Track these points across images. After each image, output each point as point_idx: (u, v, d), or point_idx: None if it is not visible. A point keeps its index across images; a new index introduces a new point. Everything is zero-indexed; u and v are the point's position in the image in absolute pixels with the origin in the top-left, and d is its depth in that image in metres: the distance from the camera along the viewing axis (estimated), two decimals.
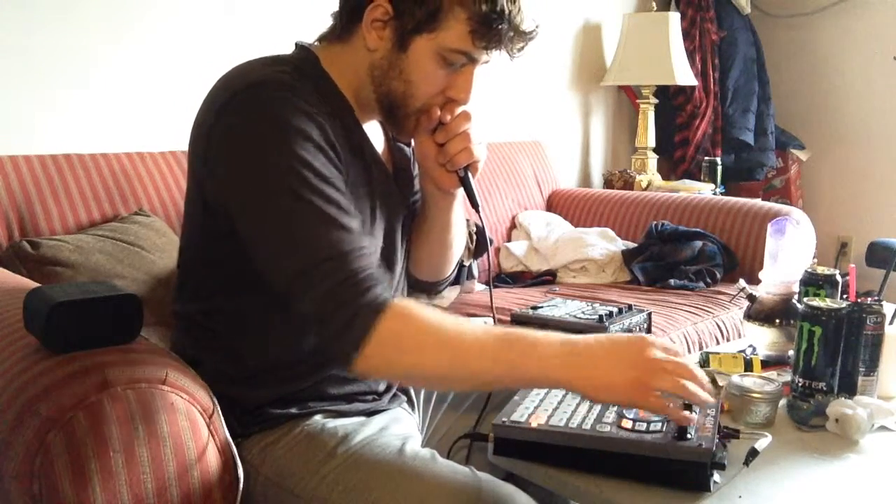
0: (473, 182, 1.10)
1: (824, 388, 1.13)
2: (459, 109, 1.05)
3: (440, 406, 1.24)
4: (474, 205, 1.10)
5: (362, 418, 1.06)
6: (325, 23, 1.08)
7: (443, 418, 1.23)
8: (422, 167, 1.12)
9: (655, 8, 3.20)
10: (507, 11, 0.97)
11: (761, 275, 1.37)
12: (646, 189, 3.02)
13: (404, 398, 1.17)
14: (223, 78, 1.02)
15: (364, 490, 0.92)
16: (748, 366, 1.29)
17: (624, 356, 0.88)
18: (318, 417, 1.03)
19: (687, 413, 0.89)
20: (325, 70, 1.04)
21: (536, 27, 1.02)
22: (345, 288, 0.88)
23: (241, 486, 0.95)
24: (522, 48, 1.03)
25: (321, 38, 1.08)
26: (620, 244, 2.46)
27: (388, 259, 1.10)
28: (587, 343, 0.90)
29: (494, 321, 1.19)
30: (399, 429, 1.06)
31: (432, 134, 1.06)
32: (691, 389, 0.87)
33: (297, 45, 1.08)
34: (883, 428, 1.08)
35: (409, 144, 1.17)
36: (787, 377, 1.20)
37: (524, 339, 0.90)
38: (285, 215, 0.91)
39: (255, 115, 0.94)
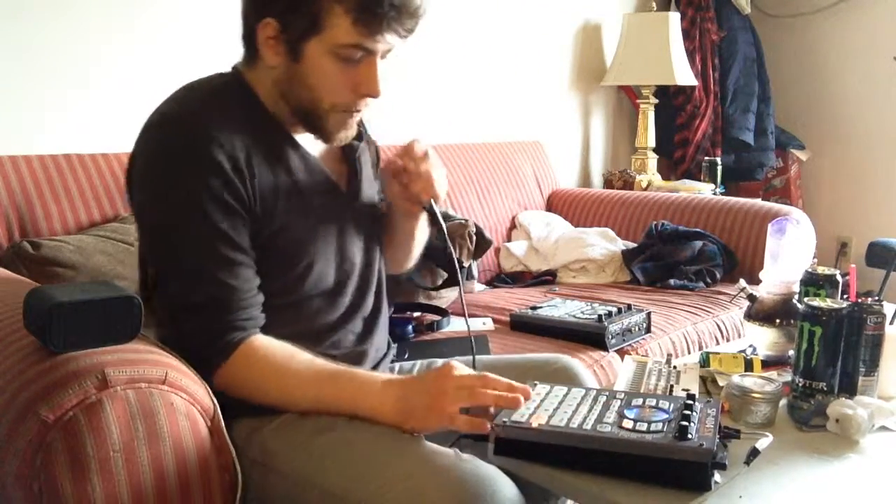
0: (437, 209, 1.18)
1: (824, 388, 1.13)
2: (420, 149, 1.14)
3: None
4: (441, 235, 1.19)
5: None
6: None
7: None
8: (389, 198, 1.22)
9: (655, 8, 3.20)
10: None
11: (761, 275, 1.37)
12: (646, 189, 3.02)
13: None
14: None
15: (349, 465, 0.93)
16: (748, 366, 1.29)
17: (421, 386, 0.99)
18: None
19: (475, 419, 0.96)
20: (253, 90, 1.09)
21: (421, 3, 1.02)
22: (199, 336, 1.01)
23: (241, 486, 0.95)
24: (413, 27, 1.03)
25: (241, 64, 1.12)
26: (620, 244, 2.46)
27: (342, 257, 1.15)
28: (400, 379, 1.03)
29: (468, 328, 1.26)
30: None
31: (394, 177, 1.14)
32: (480, 394, 0.96)
33: (232, 68, 1.13)
34: (883, 428, 1.08)
35: (360, 140, 1.19)
36: (788, 377, 1.20)
37: (345, 375, 1.02)
38: (172, 251, 1.02)
39: (147, 155, 1.03)
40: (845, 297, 1.26)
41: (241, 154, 1.01)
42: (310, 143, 1.13)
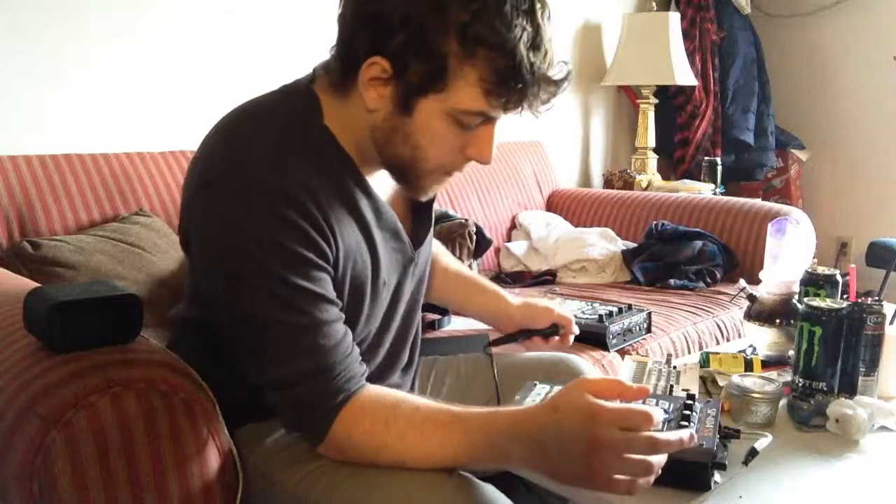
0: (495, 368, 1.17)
1: (824, 389, 1.13)
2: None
3: None
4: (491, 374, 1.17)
5: None
6: (325, 24, 1.00)
7: None
8: (504, 325, 1.27)
9: (655, 8, 3.20)
10: (528, 64, 0.84)
11: (761, 275, 1.37)
12: (646, 189, 3.02)
13: None
14: (206, 143, 0.95)
15: (344, 488, 0.91)
16: (748, 366, 1.29)
17: (571, 448, 0.81)
18: None
19: (635, 485, 0.81)
20: (326, 125, 0.94)
21: (569, 71, 0.90)
22: (301, 404, 0.91)
23: (241, 487, 0.95)
24: (551, 99, 0.90)
25: (324, 74, 0.96)
26: (620, 244, 2.45)
27: (391, 308, 1.05)
28: (537, 428, 0.84)
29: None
30: None
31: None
32: (653, 468, 0.81)
33: (296, 88, 0.97)
34: (883, 428, 1.08)
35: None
36: (788, 377, 1.20)
37: (461, 420, 0.88)
38: (251, 335, 0.90)
39: (220, 222, 0.87)
40: (845, 297, 1.26)
41: (316, 211, 0.88)
42: (378, 183, 1.00)
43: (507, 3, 0.83)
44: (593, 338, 1.67)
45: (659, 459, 0.81)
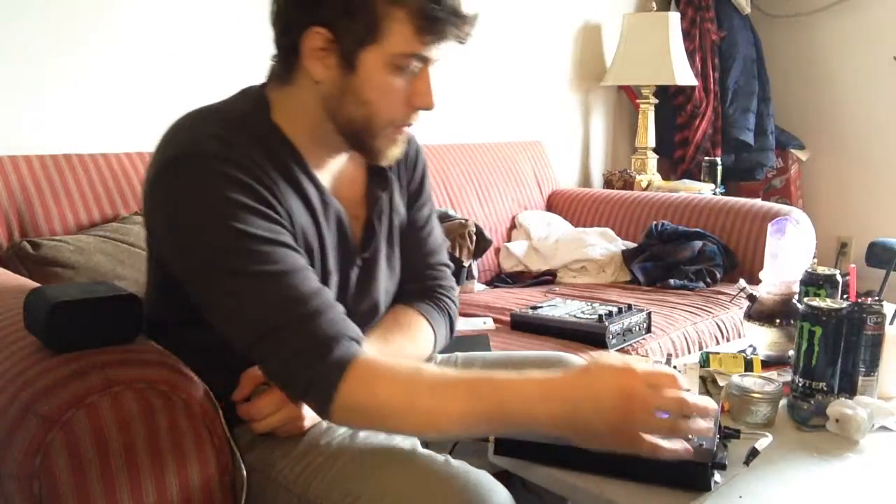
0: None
1: (824, 388, 1.12)
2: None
3: None
4: None
5: None
6: None
7: None
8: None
9: (655, 8, 3.20)
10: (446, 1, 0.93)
11: (761, 275, 1.37)
12: (646, 189, 3.02)
13: None
14: (163, 136, 1.00)
15: (343, 481, 0.92)
16: (748, 366, 1.29)
17: (601, 404, 0.83)
18: (307, 409, 1.01)
19: (676, 447, 0.85)
20: (273, 120, 1.00)
21: (475, 11, 0.97)
22: (301, 356, 0.88)
23: (245, 486, 0.95)
24: (470, 33, 0.98)
25: (269, 83, 1.02)
26: (620, 244, 2.46)
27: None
28: (567, 385, 0.86)
29: None
30: None
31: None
32: (682, 429, 0.84)
33: (248, 91, 1.04)
34: (883, 428, 1.08)
35: (389, 168, 1.12)
36: (788, 377, 1.20)
37: (490, 381, 0.88)
38: (230, 293, 0.90)
39: (179, 192, 0.92)
40: (845, 297, 1.26)
41: (265, 189, 0.94)
42: (325, 177, 1.05)
43: None
44: (593, 338, 1.67)
45: (686, 424, 0.84)
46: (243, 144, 0.94)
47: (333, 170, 1.07)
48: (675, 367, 1.26)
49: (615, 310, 1.74)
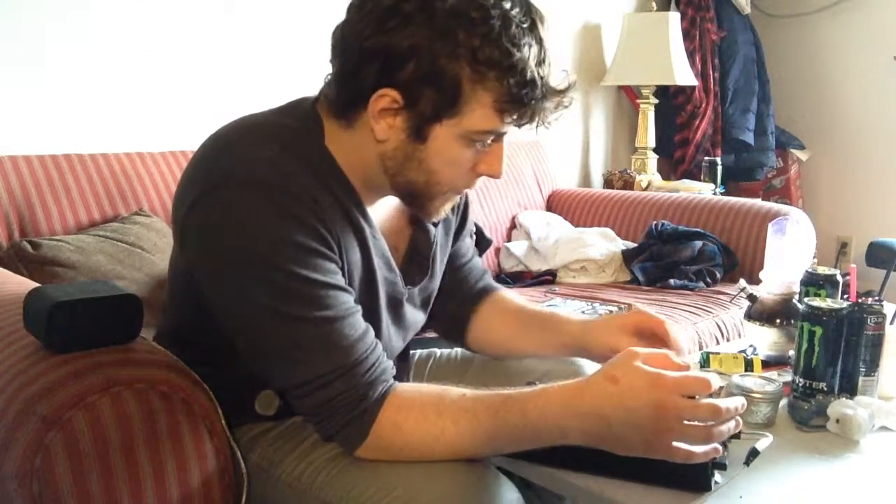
0: None
1: (825, 389, 1.12)
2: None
3: None
4: None
5: None
6: (324, 26, 0.95)
7: None
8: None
9: (655, 8, 3.20)
10: (538, 80, 0.86)
11: (762, 275, 1.37)
12: (646, 189, 3.02)
13: None
14: (206, 148, 0.93)
15: (350, 475, 0.92)
16: (749, 366, 1.29)
17: (632, 416, 0.81)
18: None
19: (707, 449, 0.84)
20: (328, 149, 0.93)
21: (573, 80, 0.93)
22: (339, 402, 0.87)
23: (246, 486, 0.95)
24: (559, 109, 0.93)
25: (321, 104, 0.95)
26: (620, 244, 2.46)
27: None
28: (594, 397, 0.84)
29: None
30: None
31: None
32: (716, 435, 0.82)
33: (299, 106, 0.97)
34: (883, 428, 1.08)
35: (435, 224, 1.09)
36: (788, 377, 1.20)
37: (516, 399, 0.87)
38: (274, 334, 0.87)
39: (230, 223, 0.85)
40: (845, 297, 1.26)
41: (321, 225, 0.88)
42: (374, 213, 0.99)
43: (513, 23, 0.84)
44: None
45: (720, 428, 0.83)
46: (299, 172, 0.88)
47: (377, 205, 1.02)
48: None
49: (615, 310, 1.74)
